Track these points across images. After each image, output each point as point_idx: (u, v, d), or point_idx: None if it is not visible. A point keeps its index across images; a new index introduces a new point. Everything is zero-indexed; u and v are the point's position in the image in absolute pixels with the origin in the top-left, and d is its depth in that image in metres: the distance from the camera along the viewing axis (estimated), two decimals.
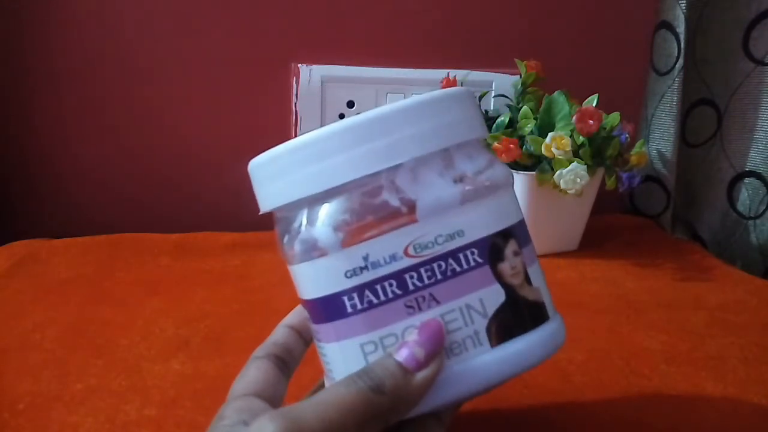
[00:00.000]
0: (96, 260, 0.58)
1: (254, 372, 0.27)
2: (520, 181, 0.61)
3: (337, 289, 0.24)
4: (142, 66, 0.69)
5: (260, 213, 0.28)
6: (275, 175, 0.25)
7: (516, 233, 0.26)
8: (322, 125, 0.75)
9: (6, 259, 0.57)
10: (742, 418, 0.35)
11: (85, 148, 0.70)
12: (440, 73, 0.68)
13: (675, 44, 0.69)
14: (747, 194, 0.70)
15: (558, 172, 0.57)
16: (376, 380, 0.23)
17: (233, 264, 0.59)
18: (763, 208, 0.68)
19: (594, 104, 0.60)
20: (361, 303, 0.24)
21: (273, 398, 0.26)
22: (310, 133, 0.24)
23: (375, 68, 0.72)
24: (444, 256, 0.24)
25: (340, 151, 0.24)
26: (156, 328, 0.45)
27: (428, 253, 0.24)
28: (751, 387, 0.39)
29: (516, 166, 0.61)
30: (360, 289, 0.24)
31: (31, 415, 0.35)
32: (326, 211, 0.24)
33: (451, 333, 0.24)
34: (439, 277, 0.24)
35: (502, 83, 0.73)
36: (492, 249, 0.25)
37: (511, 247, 0.25)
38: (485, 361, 0.24)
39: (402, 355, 0.23)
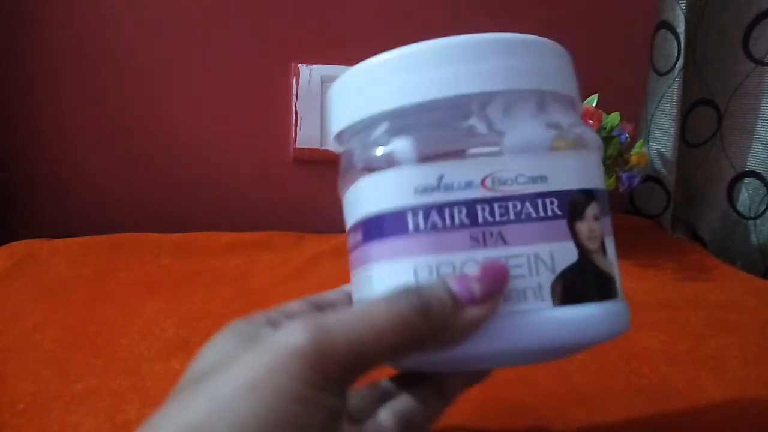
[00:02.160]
0: (96, 260, 0.58)
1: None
2: None
3: (402, 203, 0.23)
4: (142, 66, 0.69)
5: (338, 130, 0.26)
6: (366, 85, 0.24)
7: (599, 198, 0.24)
8: (322, 125, 0.76)
9: (6, 259, 0.57)
10: (742, 418, 0.35)
11: (85, 149, 0.70)
12: None
13: (675, 44, 0.69)
14: (747, 194, 0.70)
15: None
16: (423, 302, 0.21)
17: (233, 264, 0.59)
18: (763, 208, 0.68)
19: (594, 104, 0.60)
20: (425, 223, 0.22)
21: None
22: (408, 46, 0.23)
23: None
24: (522, 198, 0.22)
25: (436, 67, 0.23)
26: (156, 328, 0.45)
27: (506, 190, 0.22)
28: (751, 387, 0.39)
29: None
30: (426, 209, 0.22)
31: (31, 415, 0.35)
32: (409, 124, 0.23)
33: (513, 279, 0.22)
34: (512, 217, 0.22)
35: None
36: (573, 204, 0.23)
37: (592, 210, 0.23)
38: (544, 318, 0.22)
39: (457, 285, 0.21)
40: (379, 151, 0.23)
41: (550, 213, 0.22)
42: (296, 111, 0.72)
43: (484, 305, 0.21)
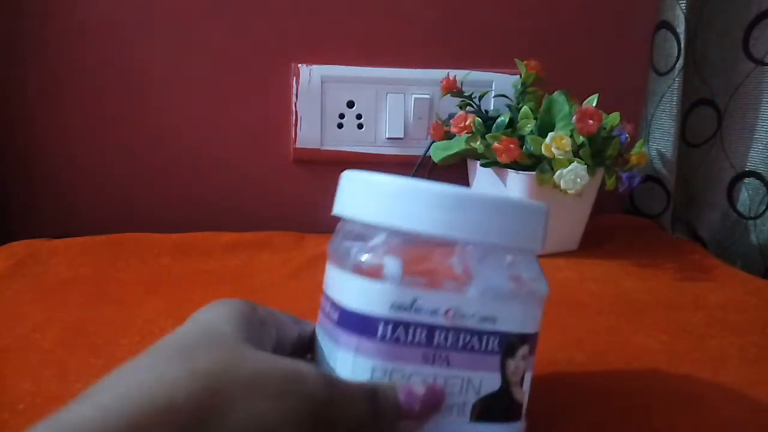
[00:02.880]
0: (96, 260, 0.58)
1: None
2: (520, 181, 0.61)
3: (378, 313, 0.27)
4: (141, 66, 0.69)
5: (345, 216, 0.30)
6: (382, 196, 0.28)
7: (531, 341, 0.29)
8: (322, 125, 0.76)
9: (6, 259, 0.57)
10: (742, 418, 0.35)
11: (85, 149, 0.70)
12: (440, 73, 0.68)
13: (675, 44, 0.69)
14: (747, 194, 0.70)
15: (558, 172, 0.57)
16: (376, 406, 0.25)
17: (233, 264, 0.59)
18: (763, 208, 0.68)
19: (594, 104, 0.60)
20: (391, 335, 0.27)
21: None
22: (427, 183, 0.27)
23: (375, 68, 0.72)
24: (471, 332, 0.27)
25: (438, 208, 0.27)
26: (156, 328, 0.45)
27: (462, 323, 0.27)
28: (751, 387, 0.39)
29: (516, 166, 0.61)
30: (396, 324, 0.27)
31: (31, 415, 0.35)
32: (403, 246, 0.27)
33: (448, 395, 0.27)
34: (460, 346, 0.27)
35: (502, 83, 0.73)
36: (509, 345, 0.28)
37: (522, 351, 0.28)
38: (459, 430, 0.28)
39: (404, 398, 0.26)
40: (372, 262, 0.27)
41: (489, 348, 0.28)
42: (296, 111, 0.72)
43: (420, 420, 0.26)
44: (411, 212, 0.27)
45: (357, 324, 0.27)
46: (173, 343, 0.24)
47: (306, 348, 0.31)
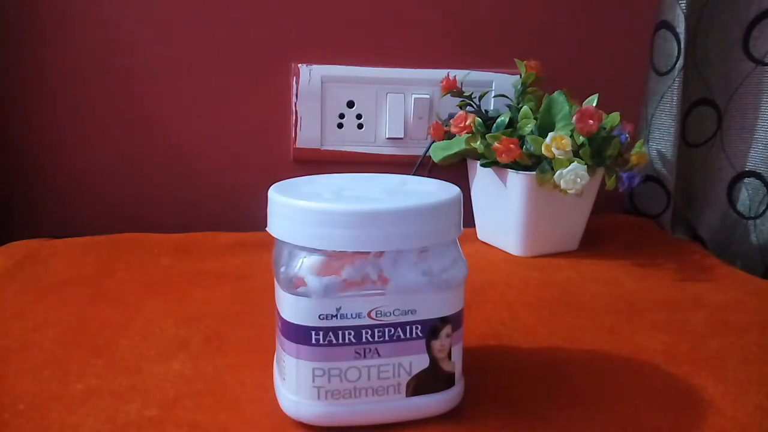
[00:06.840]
0: (96, 260, 0.58)
1: None
2: (520, 181, 0.61)
3: (309, 323, 0.31)
4: (141, 66, 0.69)
5: (278, 238, 0.32)
6: (298, 219, 0.31)
7: (453, 320, 0.33)
8: (322, 125, 0.76)
9: (6, 259, 0.57)
10: (742, 418, 0.35)
11: (85, 149, 0.70)
12: (440, 73, 0.68)
13: (675, 44, 0.69)
14: (747, 194, 0.70)
15: (558, 172, 0.57)
16: None
17: (233, 264, 0.59)
18: (763, 208, 0.68)
19: (594, 104, 0.60)
20: (324, 340, 0.31)
21: None
22: (334, 205, 0.30)
23: (375, 68, 0.72)
24: (395, 325, 0.31)
25: (349, 227, 0.30)
26: (156, 328, 0.45)
27: (385, 320, 0.31)
28: (751, 387, 0.39)
29: (516, 166, 0.61)
30: (326, 330, 0.31)
31: (31, 415, 0.35)
32: (321, 265, 0.31)
33: (382, 379, 0.32)
34: (386, 338, 0.31)
35: (502, 83, 0.73)
36: (432, 329, 0.32)
37: (446, 330, 0.32)
38: (397, 405, 0.32)
39: None
40: (297, 280, 0.31)
41: (413, 335, 0.32)
42: (296, 111, 0.72)
43: None
44: (324, 234, 0.30)
45: (295, 333, 0.31)
46: None
47: None
